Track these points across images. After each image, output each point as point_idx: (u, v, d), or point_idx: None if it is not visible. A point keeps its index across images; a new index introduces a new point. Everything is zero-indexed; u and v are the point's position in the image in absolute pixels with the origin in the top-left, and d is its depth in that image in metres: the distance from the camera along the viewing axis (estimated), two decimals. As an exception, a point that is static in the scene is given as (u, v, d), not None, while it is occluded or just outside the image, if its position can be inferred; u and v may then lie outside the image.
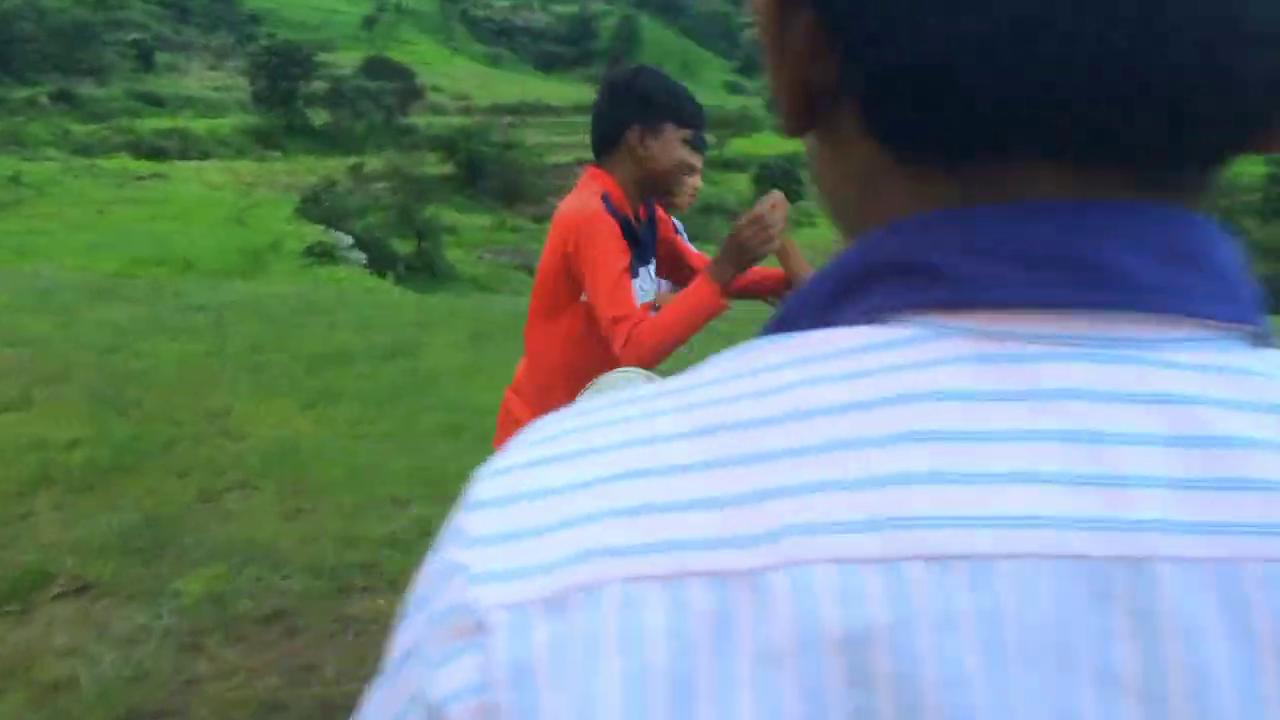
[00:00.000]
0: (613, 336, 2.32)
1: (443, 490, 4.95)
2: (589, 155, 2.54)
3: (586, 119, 2.64)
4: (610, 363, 2.42)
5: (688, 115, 2.49)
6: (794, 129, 0.45)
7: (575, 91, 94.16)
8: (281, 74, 60.83)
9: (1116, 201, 0.38)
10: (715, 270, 2.31)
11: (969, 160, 0.40)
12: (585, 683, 0.34)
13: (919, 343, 0.38)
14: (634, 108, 2.44)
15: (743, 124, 74.00)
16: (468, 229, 45.52)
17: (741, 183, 53.01)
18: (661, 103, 2.45)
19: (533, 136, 65.17)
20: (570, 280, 2.43)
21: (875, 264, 0.40)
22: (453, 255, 38.61)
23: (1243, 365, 0.37)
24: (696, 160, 2.54)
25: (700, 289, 2.31)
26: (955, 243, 0.39)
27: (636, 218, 2.52)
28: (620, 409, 0.41)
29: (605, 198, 2.43)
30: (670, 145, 2.46)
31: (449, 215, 45.15)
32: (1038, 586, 0.33)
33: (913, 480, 0.34)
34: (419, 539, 4.32)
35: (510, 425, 2.61)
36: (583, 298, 2.45)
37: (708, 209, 42.14)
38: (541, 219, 51.36)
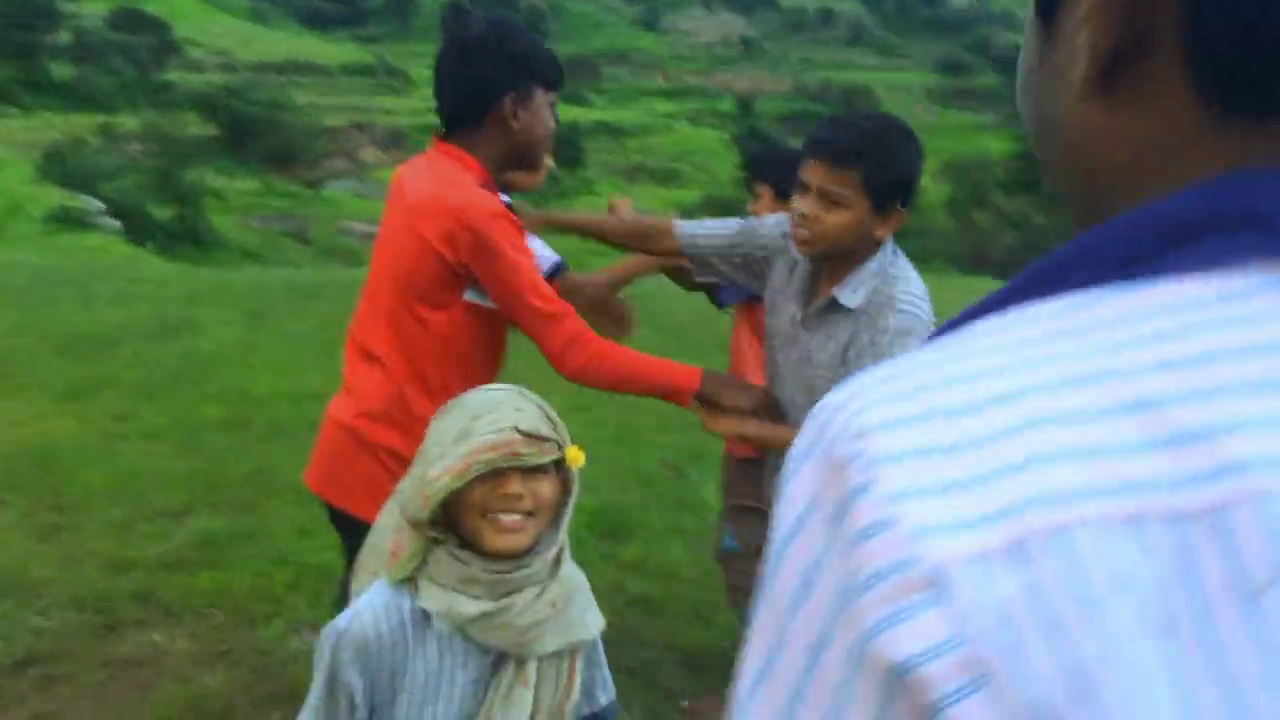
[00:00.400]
0: (547, 335, 2.02)
1: (227, 496, 4.39)
2: (367, 118, 2.17)
3: (360, 80, 2.23)
4: (483, 378, 2.08)
5: (556, 76, 2.17)
6: (1090, 91, 0.47)
7: (346, 51, 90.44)
8: (19, 23, 56.13)
9: None
10: (709, 381, 2.14)
11: None
12: (1076, 628, 0.34)
13: (1264, 291, 0.39)
14: (506, 71, 2.09)
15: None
16: (234, 194, 43.14)
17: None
18: (534, 64, 2.11)
19: (302, 97, 62.09)
20: (452, 278, 2.06)
21: (1213, 214, 0.41)
22: (219, 222, 36.45)
23: None
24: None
25: (686, 377, 2.12)
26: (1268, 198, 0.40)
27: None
28: (983, 359, 0.41)
29: (488, 186, 2.09)
30: (541, 113, 2.14)
31: (213, 179, 42.62)
32: None
33: None
34: (201, 558, 3.78)
35: (376, 462, 2.16)
36: (468, 297, 2.08)
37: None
38: (315, 184, 49.14)
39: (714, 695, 3.06)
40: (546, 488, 1.56)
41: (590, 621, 1.67)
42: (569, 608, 1.63)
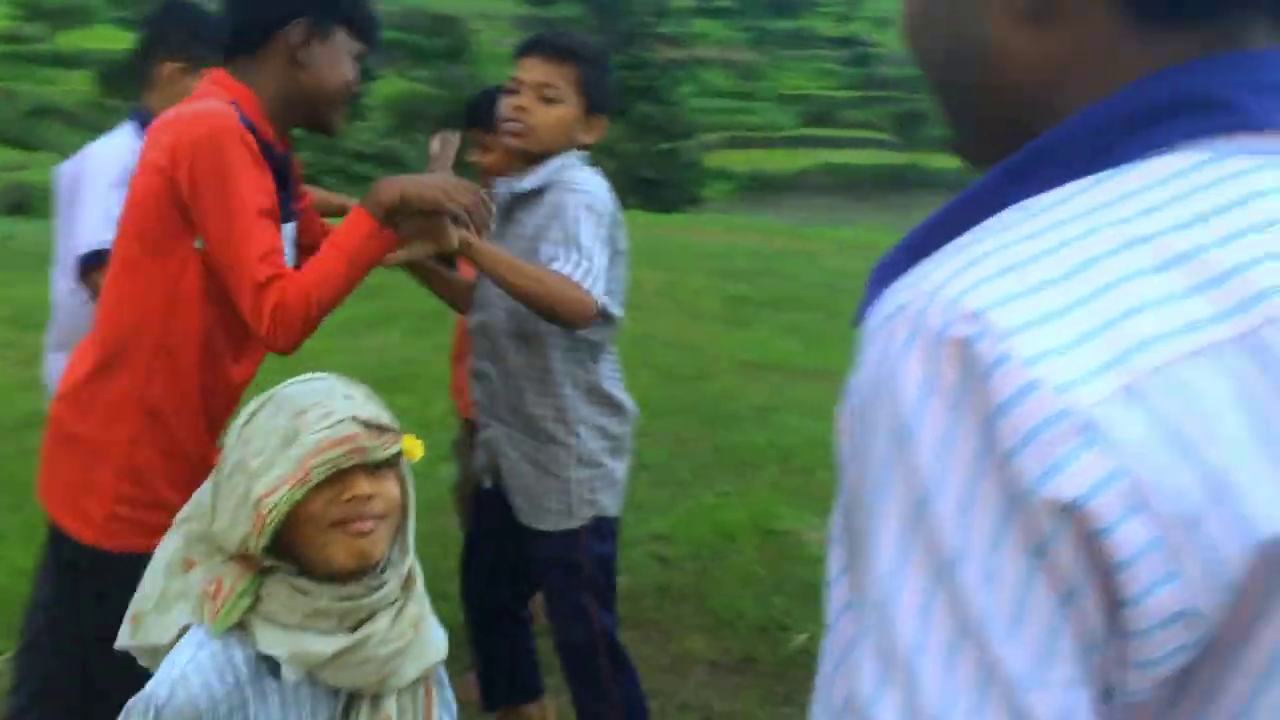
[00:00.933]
0: (257, 309, 1.65)
1: None
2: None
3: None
4: (234, 344, 1.75)
5: (367, 24, 1.84)
6: (1031, 16, 0.54)
7: None
8: None
9: None
10: (372, 199, 1.78)
11: (1209, 18, 0.51)
12: (1202, 444, 0.42)
13: (1217, 161, 0.49)
14: None
15: (75, 15, 65.24)
16: None
17: (80, 81, 46.82)
18: (344, 3, 1.80)
19: None
20: (180, 216, 1.69)
21: (1167, 100, 0.50)
22: None
23: None
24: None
25: (360, 224, 1.77)
26: (1239, 81, 0.50)
27: (276, 151, 1.81)
28: (1034, 243, 0.47)
29: (236, 108, 1.70)
30: (341, 59, 1.81)
31: None
32: None
33: None
34: None
35: (70, 452, 1.78)
36: (198, 244, 1.70)
37: (40, 111, 36.91)
38: None
39: (470, 672, 2.88)
40: (393, 485, 1.32)
41: (439, 638, 1.44)
42: (424, 627, 1.39)
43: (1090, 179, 0.50)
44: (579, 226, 2.03)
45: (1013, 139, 0.56)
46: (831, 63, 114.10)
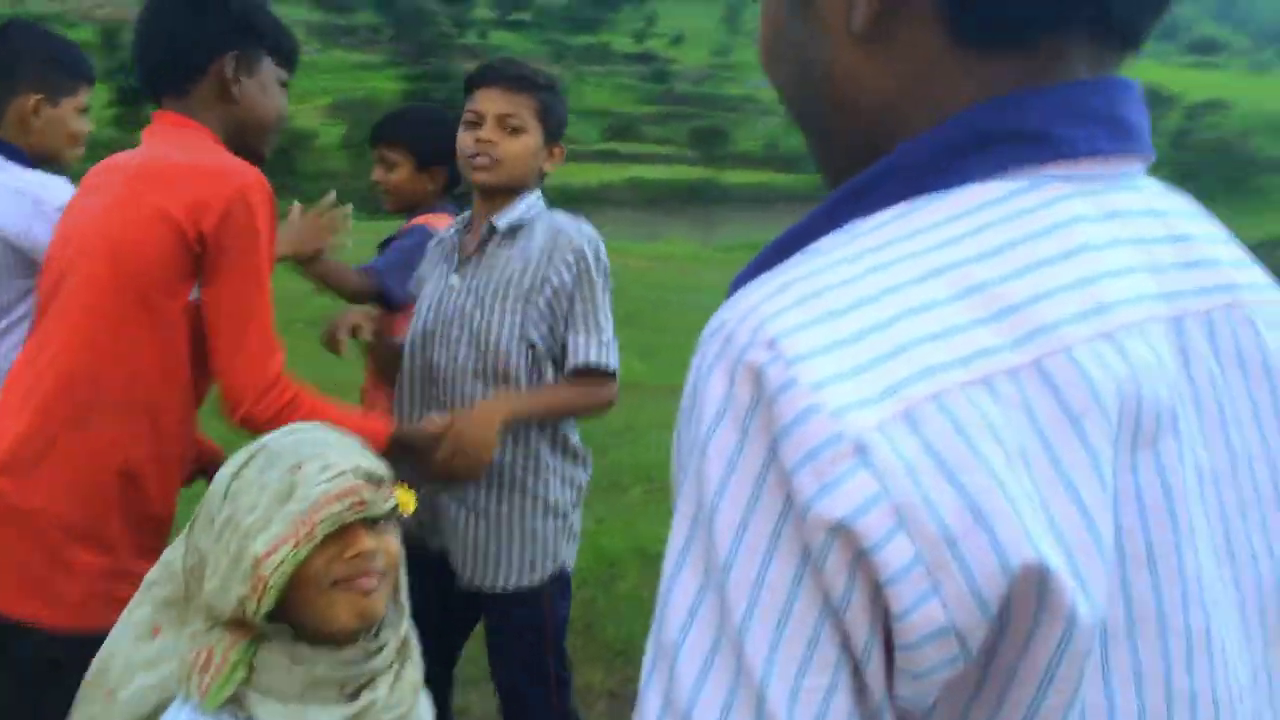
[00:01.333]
0: (258, 369, 1.60)
1: None
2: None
3: None
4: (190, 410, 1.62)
5: (290, 50, 1.81)
6: (865, 37, 0.56)
7: None
8: None
9: (1119, 77, 0.56)
10: (404, 435, 1.88)
11: (1031, 42, 0.54)
12: (963, 470, 0.44)
13: (1033, 189, 0.53)
14: (229, 28, 1.69)
15: None
16: None
17: None
18: (265, 28, 1.73)
19: None
20: (185, 272, 1.58)
21: (989, 131, 0.54)
22: None
23: (1159, 185, 0.59)
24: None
25: (377, 426, 1.81)
26: (1056, 113, 0.54)
27: None
28: (842, 269, 0.50)
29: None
30: (271, 88, 1.76)
31: None
32: (1205, 335, 0.55)
33: (1100, 278, 0.51)
34: None
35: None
36: (193, 295, 1.60)
37: None
38: None
39: None
40: (393, 540, 1.25)
41: (425, 698, 1.35)
42: (422, 693, 1.31)
43: (907, 204, 0.53)
44: (598, 295, 2.00)
45: (862, 158, 0.58)
46: (631, 78, 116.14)
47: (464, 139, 2.03)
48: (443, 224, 2.72)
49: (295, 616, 1.18)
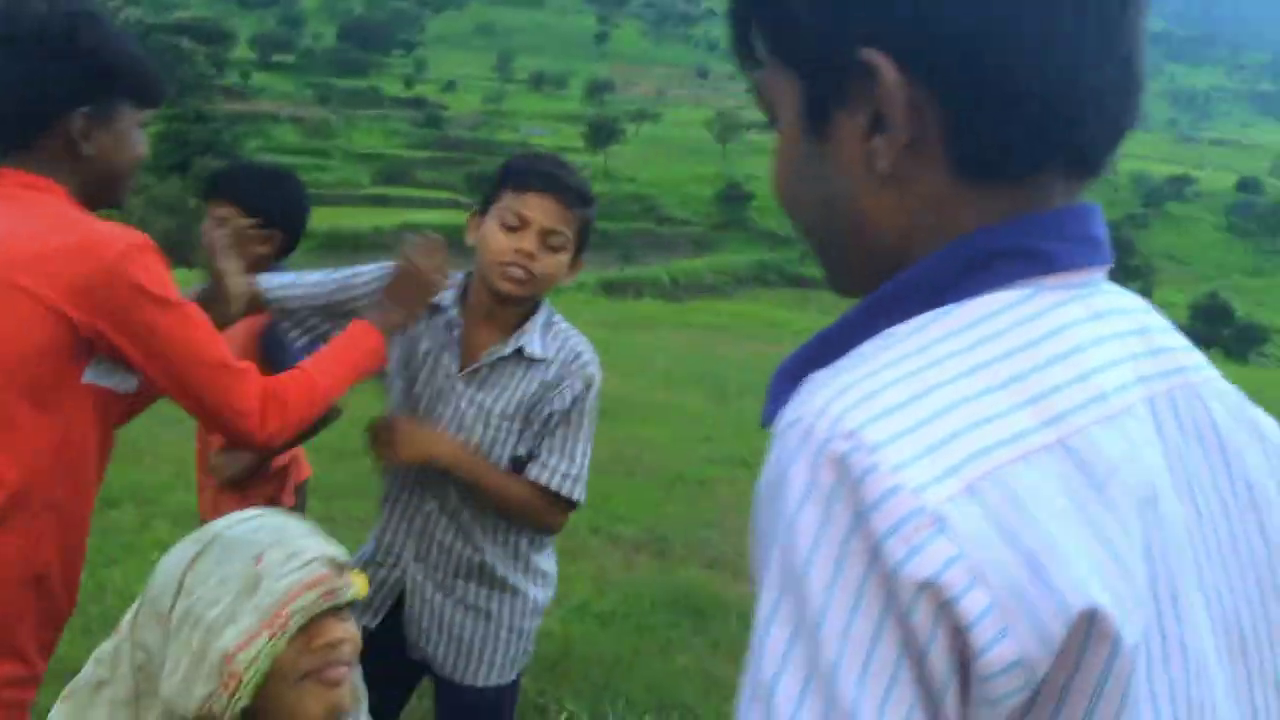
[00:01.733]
0: (240, 395, 1.54)
1: None
2: None
3: None
4: (87, 499, 1.47)
5: (151, 86, 1.63)
6: (885, 178, 0.68)
7: None
8: None
9: (1089, 202, 0.69)
10: (382, 317, 1.80)
11: (1020, 179, 0.66)
12: (1021, 532, 0.56)
13: (1037, 296, 0.65)
14: (82, 78, 1.52)
15: None
16: None
17: None
18: (122, 71, 1.56)
19: None
20: (72, 357, 1.44)
21: (998, 250, 0.66)
22: None
23: (1116, 287, 0.71)
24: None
25: (369, 337, 1.77)
26: (1049, 234, 0.66)
27: None
28: (900, 366, 0.60)
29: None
30: (128, 136, 1.60)
31: None
32: (1170, 412, 0.67)
33: (1095, 371, 0.62)
34: None
35: None
36: (87, 378, 1.46)
37: None
38: None
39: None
40: (354, 626, 1.21)
41: None
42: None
43: (941, 310, 0.65)
44: (585, 426, 1.94)
45: (879, 274, 0.69)
46: (402, 122, 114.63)
47: (500, 240, 1.85)
48: None
49: (261, 714, 1.13)
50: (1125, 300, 0.70)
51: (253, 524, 1.20)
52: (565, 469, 1.92)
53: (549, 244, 1.86)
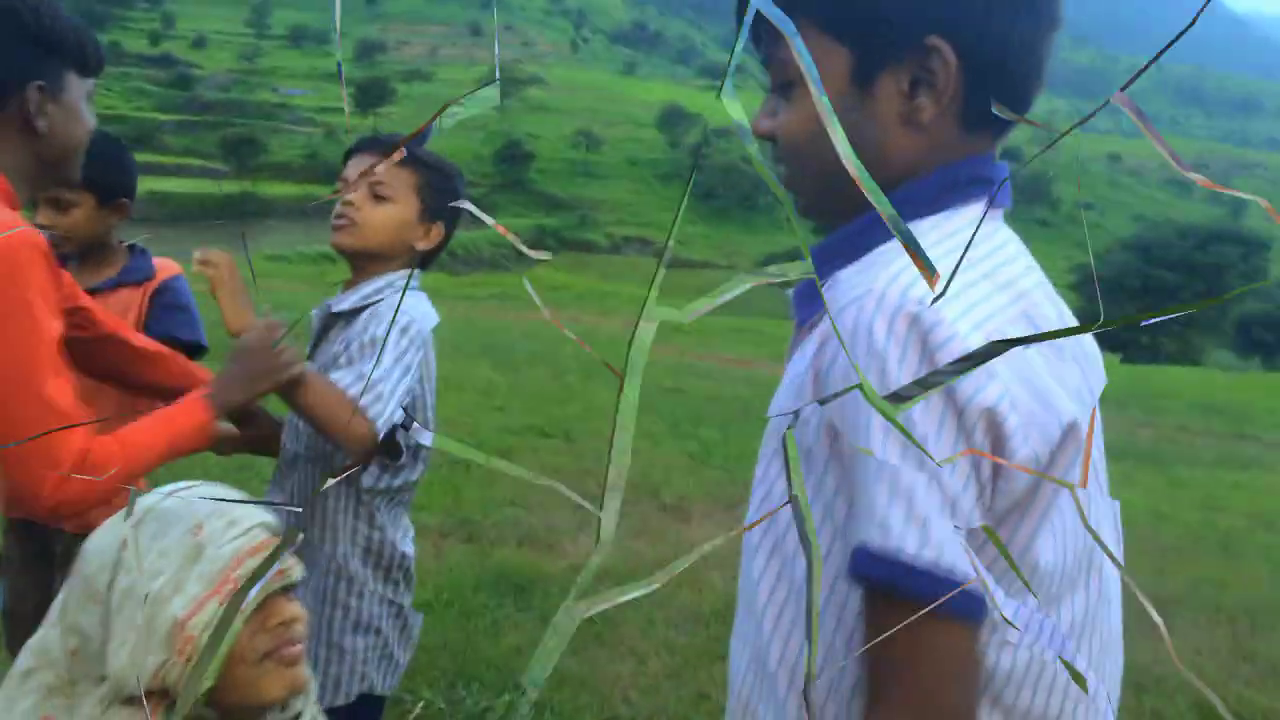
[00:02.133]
0: (59, 446, 1.34)
1: None
2: None
3: None
4: None
5: (94, 55, 1.57)
6: (914, 126, 0.95)
7: None
8: None
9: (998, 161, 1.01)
10: (219, 393, 1.58)
11: (996, 131, 0.96)
12: (1029, 374, 0.83)
13: (992, 216, 0.97)
14: (29, 53, 1.46)
15: None
16: None
17: None
18: (67, 43, 1.50)
19: None
20: None
21: (970, 177, 0.94)
22: None
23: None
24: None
25: (194, 412, 1.54)
26: (999, 170, 0.97)
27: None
28: (935, 250, 0.89)
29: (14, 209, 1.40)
30: (78, 109, 1.54)
31: None
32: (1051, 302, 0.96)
33: (1028, 268, 0.93)
34: None
35: None
36: None
37: None
38: None
39: None
40: (299, 605, 1.22)
41: None
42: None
43: (940, 216, 0.93)
44: (380, 345, 1.79)
45: (851, 207, 0.96)
46: (147, 83, 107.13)
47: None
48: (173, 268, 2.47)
49: (221, 696, 1.12)
50: (1011, 231, 1.00)
51: (184, 495, 1.17)
52: (360, 377, 1.77)
53: (374, 195, 1.86)
